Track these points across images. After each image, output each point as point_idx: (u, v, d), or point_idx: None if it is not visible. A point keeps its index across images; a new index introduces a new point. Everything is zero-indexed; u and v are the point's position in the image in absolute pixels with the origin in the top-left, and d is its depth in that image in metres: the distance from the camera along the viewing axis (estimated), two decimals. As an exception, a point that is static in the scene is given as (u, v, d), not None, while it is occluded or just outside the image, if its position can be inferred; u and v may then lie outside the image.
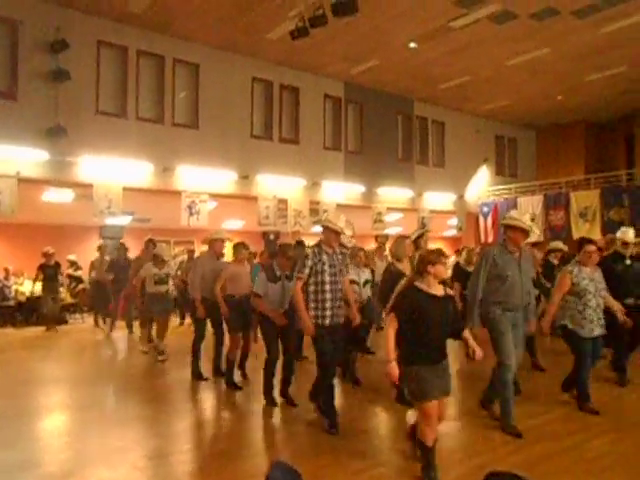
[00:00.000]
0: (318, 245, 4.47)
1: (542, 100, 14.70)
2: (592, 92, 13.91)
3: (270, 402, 5.05)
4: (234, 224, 14.04)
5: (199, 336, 6.35)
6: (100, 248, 10.76)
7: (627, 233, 6.10)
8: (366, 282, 6.36)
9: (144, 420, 4.75)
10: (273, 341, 5.11)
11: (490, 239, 15.79)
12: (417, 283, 3.38)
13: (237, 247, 6.20)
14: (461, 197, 15.93)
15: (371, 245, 15.82)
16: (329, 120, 13.41)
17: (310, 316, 4.31)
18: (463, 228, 15.92)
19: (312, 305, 4.34)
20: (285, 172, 12.29)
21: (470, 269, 6.66)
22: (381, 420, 4.91)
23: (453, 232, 16.14)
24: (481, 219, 16.25)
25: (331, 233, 4.41)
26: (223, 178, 11.51)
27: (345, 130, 13.63)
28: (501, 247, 4.40)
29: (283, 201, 12.27)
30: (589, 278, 4.77)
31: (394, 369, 3.25)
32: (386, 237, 16.88)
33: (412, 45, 11.04)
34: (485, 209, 16.17)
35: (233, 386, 5.72)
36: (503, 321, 4.24)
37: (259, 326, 5.34)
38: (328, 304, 4.32)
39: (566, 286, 4.73)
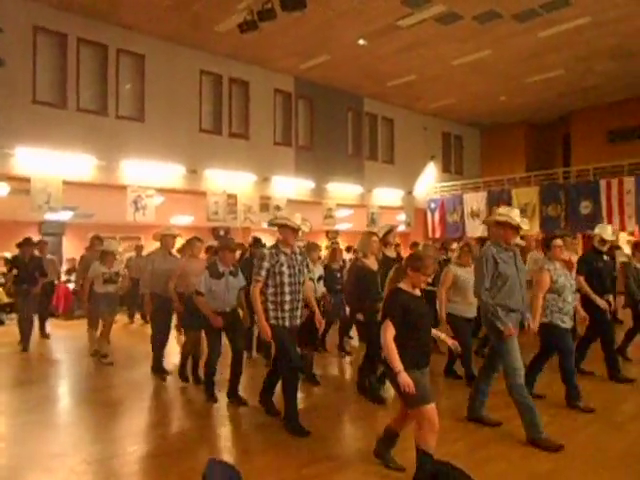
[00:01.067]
0: (275, 245, 4.34)
1: (486, 100, 15.21)
2: (532, 93, 14.53)
3: (210, 397, 5.01)
4: (182, 219, 13.77)
5: (158, 331, 6.18)
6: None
7: (606, 230, 6.06)
8: (319, 278, 6.39)
9: (87, 423, 4.59)
10: (215, 339, 5.01)
11: (437, 234, 16.25)
12: (400, 285, 3.29)
13: (191, 242, 5.99)
14: (409, 193, 16.28)
15: (322, 241, 15.96)
16: (279, 115, 13.35)
17: (269, 318, 4.21)
18: (411, 224, 16.28)
19: (271, 307, 4.22)
20: (235, 167, 12.15)
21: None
22: (333, 416, 4.95)
23: (402, 228, 16.46)
24: (429, 215, 16.69)
25: (288, 231, 4.29)
26: (170, 172, 11.25)
27: (296, 125, 13.61)
28: (497, 245, 4.09)
29: (233, 196, 12.13)
30: (564, 274, 4.77)
31: (407, 378, 3.03)
32: (336, 233, 17.07)
33: (361, 42, 11.15)
34: (432, 205, 16.62)
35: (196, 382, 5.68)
36: (508, 324, 3.98)
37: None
38: (287, 306, 4.23)
39: (547, 284, 4.66)
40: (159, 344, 6.13)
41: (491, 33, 10.70)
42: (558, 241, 4.83)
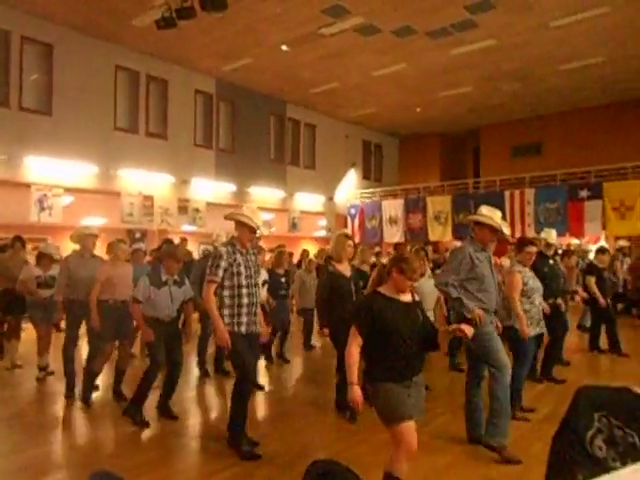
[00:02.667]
0: (231, 243, 3.96)
1: (404, 110, 15.86)
2: (445, 107, 15.35)
3: (139, 420, 4.45)
4: (94, 221, 13.01)
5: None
6: None
7: (550, 234, 6.20)
8: (263, 283, 6.15)
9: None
10: (157, 349, 4.55)
11: (357, 239, 16.63)
12: (380, 289, 2.90)
13: (115, 244, 5.42)
14: (330, 199, 16.57)
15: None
16: (200, 116, 13.09)
17: (224, 324, 3.81)
18: (332, 229, 16.55)
19: (227, 312, 3.84)
20: (152, 168, 11.74)
21: (365, 269, 6.45)
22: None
23: (323, 233, 16.72)
24: (349, 220, 17.06)
25: (246, 230, 3.93)
26: (81, 171, 10.65)
27: (217, 128, 13.41)
28: (474, 244, 3.97)
29: (149, 198, 11.70)
30: (532, 277, 4.79)
31: (355, 393, 2.72)
32: (258, 237, 16.94)
33: (284, 48, 11.22)
34: (353, 211, 17.01)
35: (85, 403, 5.05)
36: (488, 324, 3.86)
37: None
38: (245, 310, 3.87)
39: (520, 285, 4.62)
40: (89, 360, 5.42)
41: (407, 47, 11.19)
42: (533, 248, 4.85)
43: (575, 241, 14.86)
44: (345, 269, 4.82)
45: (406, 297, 2.89)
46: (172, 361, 4.68)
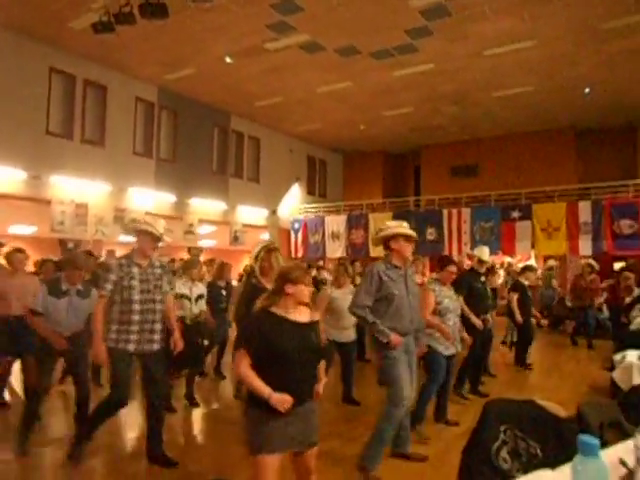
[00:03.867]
0: (127, 256, 3.83)
1: (348, 128, 16.13)
2: (388, 126, 15.76)
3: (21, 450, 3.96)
4: (23, 229, 12.38)
5: None
6: None
7: (483, 251, 6.26)
8: (199, 297, 5.93)
9: None
10: (47, 369, 4.20)
11: (300, 254, 16.66)
12: (272, 307, 2.61)
13: (9, 255, 5.11)
14: (274, 212, 16.52)
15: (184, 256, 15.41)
16: (140, 124, 12.74)
17: (110, 340, 3.66)
18: (276, 243, 16.47)
19: (114, 327, 3.69)
20: (86, 175, 11.27)
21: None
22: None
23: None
24: (292, 235, 17.06)
25: (147, 239, 3.79)
26: (8, 176, 10.06)
27: (158, 137, 13.10)
28: (386, 262, 3.77)
29: (83, 206, 11.22)
30: (449, 297, 4.78)
31: (280, 397, 2.41)
32: (199, 250, 16.63)
33: (228, 60, 11.16)
34: (296, 225, 17.03)
35: None
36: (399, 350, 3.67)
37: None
38: (135, 327, 3.70)
39: (432, 305, 4.58)
40: None
41: (351, 66, 11.42)
42: (454, 267, 4.85)
43: (509, 259, 15.60)
44: (269, 282, 4.70)
45: (302, 317, 2.62)
46: (77, 381, 4.35)
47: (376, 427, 3.66)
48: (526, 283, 7.87)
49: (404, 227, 3.86)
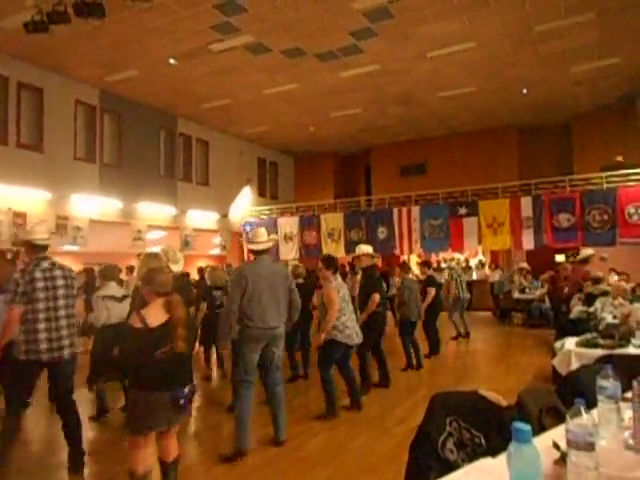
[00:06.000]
0: (35, 262, 3.77)
1: (297, 129, 16.14)
2: (337, 127, 15.88)
3: None
4: (-46, 241, 11.62)
5: None
6: None
7: (358, 248, 6.59)
8: (123, 297, 5.85)
9: None
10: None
11: (252, 257, 16.49)
12: (136, 314, 3.00)
13: None
14: (225, 216, 16.29)
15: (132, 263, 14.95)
16: (82, 129, 12.25)
17: (21, 351, 3.64)
18: (227, 247, 16.28)
19: (22, 338, 3.66)
20: (24, 182, 10.72)
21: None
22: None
23: (217, 251, 16.36)
24: (244, 237, 16.87)
25: (28, 247, 3.81)
26: None
27: (101, 141, 12.64)
28: (253, 264, 4.36)
29: (21, 215, 10.67)
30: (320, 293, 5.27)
31: None
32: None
33: (172, 61, 10.92)
34: (248, 228, 16.84)
35: None
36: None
37: None
38: (43, 335, 3.67)
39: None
40: None
41: (298, 68, 11.43)
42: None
43: (459, 255, 16.03)
44: None
45: (159, 319, 2.95)
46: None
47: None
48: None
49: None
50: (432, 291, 8.24)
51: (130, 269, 11.08)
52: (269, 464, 3.89)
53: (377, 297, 5.99)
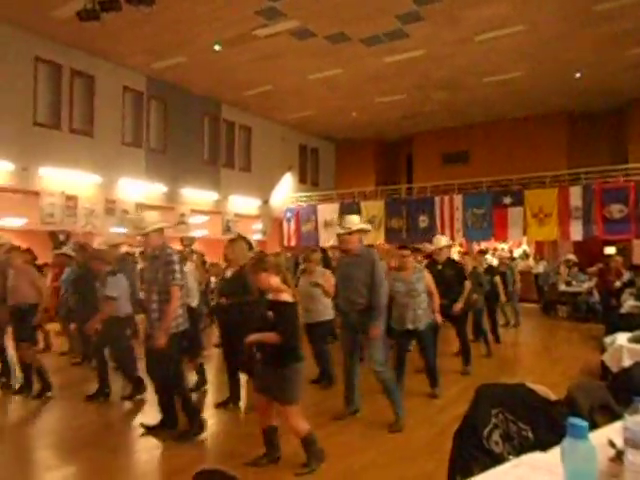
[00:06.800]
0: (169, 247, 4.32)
1: (339, 115, 16.03)
2: (379, 113, 15.68)
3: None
4: (11, 222, 12.22)
5: None
6: None
7: (440, 240, 6.56)
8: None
9: None
10: None
11: (293, 243, 16.64)
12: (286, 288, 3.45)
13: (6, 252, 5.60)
14: (266, 202, 16.46)
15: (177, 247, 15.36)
16: (129, 114, 12.60)
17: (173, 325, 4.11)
18: (268, 232, 16.46)
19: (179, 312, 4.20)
20: (76, 166, 11.15)
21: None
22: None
23: (258, 236, 16.58)
24: (285, 224, 17.02)
25: (159, 232, 4.31)
26: (-5, 168, 9.95)
27: (147, 126, 12.97)
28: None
29: (72, 198, 11.12)
30: (401, 280, 5.18)
31: None
32: (192, 240, 16.56)
33: (217, 47, 11.03)
34: (288, 214, 16.99)
35: None
36: (341, 321, 4.62)
37: None
38: (182, 310, 4.27)
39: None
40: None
41: (342, 53, 11.32)
42: (406, 251, 5.30)
43: (503, 245, 15.65)
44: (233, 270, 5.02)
45: (281, 296, 3.35)
46: None
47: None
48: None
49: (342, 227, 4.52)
50: (497, 280, 8.37)
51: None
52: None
53: (469, 285, 6.43)
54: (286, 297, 3.33)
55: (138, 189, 12.54)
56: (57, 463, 3.80)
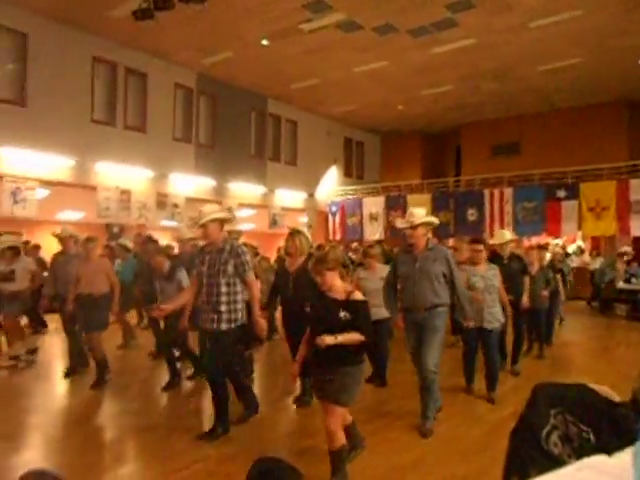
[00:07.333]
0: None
1: (385, 108, 15.87)
2: (426, 105, 15.41)
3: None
4: (71, 215, 12.82)
5: None
6: None
7: (504, 234, 6.41)
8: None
9: None
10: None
11: (338, 236, 16.66)
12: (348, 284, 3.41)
13: (83, 243, 5.88)
14: (311, 195, 16.53)
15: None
16: (180, 110, 12.93)
17: (240, 318, 4.10)
18: (313, 225, 16.52)
19: (240, 306, 4.12)
20: (129, 161, 11.57)
21: None
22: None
23: (304, 229, 16.64)
24: (330, 217, 17.05)
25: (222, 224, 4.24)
26: (56, 164, 10.45)
27: (196, 122, 13.27)
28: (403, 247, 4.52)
29: (126, 192, 11.55)
30: (479, 275, 5.04)
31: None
32: (239, 233, 16.85)
33: (264, 42, 11.13)
34: (334, 208, 17.00)
35: None
36: (405, 321, 4.28)
37: None
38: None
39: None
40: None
41: (389, 45, 11.19)
42: (479, 246, 5.15)
43: (557, 241, 15.07)
44: (293, 263, 4.95)
45: (338, 295, 3.16)
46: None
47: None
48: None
49: (404, 220, 4.28)
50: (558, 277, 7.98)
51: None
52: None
53: (527, 280, 6.25)
54: (359, 295, 3.19)
55: (188, 183, 12.87)
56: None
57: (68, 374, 5.88)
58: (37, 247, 9.92)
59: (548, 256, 10.51)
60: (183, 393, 5.52)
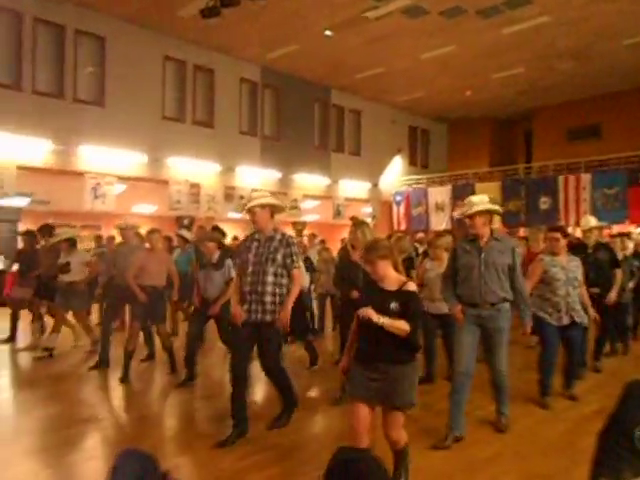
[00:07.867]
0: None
1: (453, 94, 15.37)
2: (496, 89, 14.77)
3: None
4: (145, 208, 13.48)
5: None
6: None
7: (589, 221, 6.02)
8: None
9: None
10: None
11: (402, 227, 16.41)
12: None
13: (147, 235, 5.89)
14: (375, 186, 16.38)
15: (288, 230, 15.90)
16: (245, 104, 13.20)
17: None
18: (377, 216, 16.39)
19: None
20: (198, 156, 11.98)
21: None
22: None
23: (368, 220, 16.55)
24: (394, 207, 16.82)
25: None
26: (132, 160, 11.01)
27: (262, 115, 13.50)
28: (465, 236, 4.06)
29: (196, 185, 11.97)
30: (560, 266, 4.59)
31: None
32: (303, 224, 17.03)
33: (328, 33, 11.10)
34: (398, 198, 16.75)
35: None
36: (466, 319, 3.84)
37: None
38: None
39: (535, 274, 4.57)
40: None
41: (456, 28, 10.80)
42: (555, 234, 4.71)
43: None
44: (358, 255, 4.57)
45: (390, 286, 2.86)
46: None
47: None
48: None
49: (468, 206, 3.89)
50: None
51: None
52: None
53: (620, 273, 5.87)
54: (412, 286, 2.89)
55: (254, 176, 13.14)
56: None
57: (96, 367, 5.82)
58: (112, 238, 10.55)
59: (631, 245, 9.82)
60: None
